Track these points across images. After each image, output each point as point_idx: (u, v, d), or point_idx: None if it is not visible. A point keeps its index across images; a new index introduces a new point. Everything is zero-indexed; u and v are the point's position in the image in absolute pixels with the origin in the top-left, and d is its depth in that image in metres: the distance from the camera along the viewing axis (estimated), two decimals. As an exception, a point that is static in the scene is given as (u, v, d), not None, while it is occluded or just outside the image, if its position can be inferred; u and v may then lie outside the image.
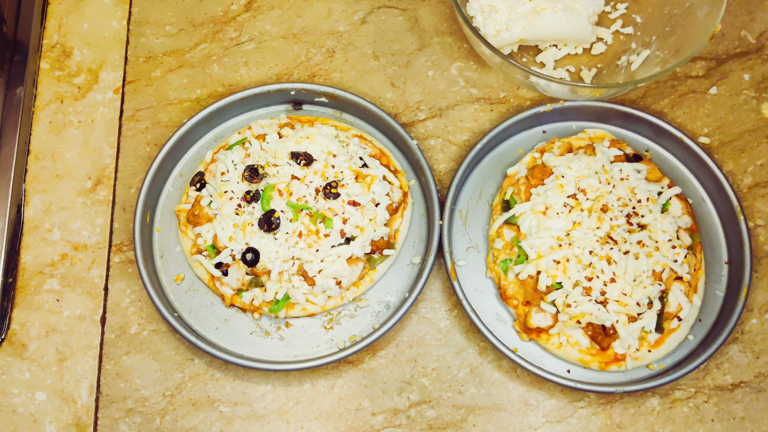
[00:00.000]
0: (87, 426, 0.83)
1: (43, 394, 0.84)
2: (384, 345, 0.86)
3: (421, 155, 0.88)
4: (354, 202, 0.85)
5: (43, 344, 0.86)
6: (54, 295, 0.88)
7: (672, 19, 0.93)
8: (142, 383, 0.84)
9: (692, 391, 0.84)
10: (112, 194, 0.92)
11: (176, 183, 0.93)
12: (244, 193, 0.86)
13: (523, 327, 0.84)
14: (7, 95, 0.95)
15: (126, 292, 0.88)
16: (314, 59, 0.98)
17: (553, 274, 0.81)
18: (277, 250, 0.84)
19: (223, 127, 0.95)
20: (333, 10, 1.01)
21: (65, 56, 0.99)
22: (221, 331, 0.86)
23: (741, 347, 0.85)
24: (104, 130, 0.95)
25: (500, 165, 0.93)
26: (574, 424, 0.82)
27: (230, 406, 0.84)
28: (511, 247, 0.86)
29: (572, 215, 0.84)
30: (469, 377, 0.84)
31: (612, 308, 0.80)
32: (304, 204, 0.85)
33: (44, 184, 0.93)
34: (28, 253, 0.90)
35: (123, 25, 1.01)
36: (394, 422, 0.83)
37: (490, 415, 0.83)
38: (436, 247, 0.85)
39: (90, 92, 0.97)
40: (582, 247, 0.82)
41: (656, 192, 0.86)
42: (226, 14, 1.01)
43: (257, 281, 0.85)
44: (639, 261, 0.81)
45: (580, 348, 0.82)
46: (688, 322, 0.84)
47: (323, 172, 0.86)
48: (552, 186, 0.85)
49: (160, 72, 0.98)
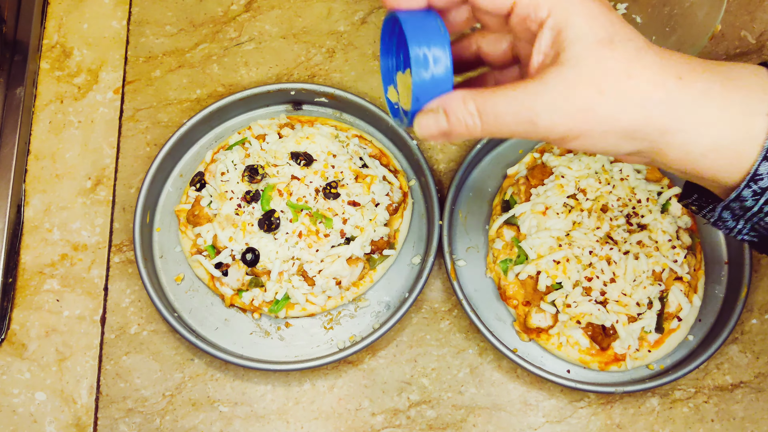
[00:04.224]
0: (87, 426, 0.83)
1: (43, 394, 0.84)
2: (384, 345, 0.86)
3: (420, 155, 0.88)
4: (354, 202, 0.85)
5: (43, 344, 0.86)
6: (54, 295, 0.88)
7: (672, 19, 0.93)
8: (142, 383, 0.84)
9: (692, 391, 0.84)
10: (112, 194, 0.92)
11: (176, 183, 0.93)
12: (244, 193, 0.86)
13: (523, 327, 0.84)
14: (7, 95, 0.95)
15: (126, 292, 0.88)
16: (314, 59, 0.98)
17: (553, 274, 0.82)
18: (277, 250, 0.84)
19: (223, 127, 0.95)
20: (333, 10, 1.01)
21: (65, 56, 0.99)
22: (221, 331, 0.86)
23: (741, 347, 0.85)
24: (104, 130, 0.95)
25: (500, 165, 0.93)
26: (574, 424, 0.82)
27: (230, 406, 0.84)
28: (511, 247, 0.86)
29: (572, 215, 0.84)
30: (469, 377, 0.84)
31: (612, 308, 0.80)
32: (304, 204, 0.85)
33: (44, 184, 0.93)
34: (28, 253, 0.90)
35: (123, 25, 1.01)
36: (394, 422, 0.83)
37: (490, 415, 0.83)
38: (436, 247, 0.85)
39: (90, 92, 0.97)
40: (582, 247, 0.82)
41: (656, 192, 0.86)
42: (226, 14, 1.01)
43: (257, 281, 0.85)
44: (639, 261, 0.81)
45: (580, 348, 0.83)
46: (688, 322, 0.84)
47: (323, 172, 0.86)
48: (552, 186, 0.86)
49: (160, 72, 0.98)
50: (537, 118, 0.46)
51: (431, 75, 0.49)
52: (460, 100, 0.49)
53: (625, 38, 0.46)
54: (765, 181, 0.46)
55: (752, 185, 0.47)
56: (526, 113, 0.47)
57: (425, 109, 0.50)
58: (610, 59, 0.45)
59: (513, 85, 0.48)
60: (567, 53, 0.46)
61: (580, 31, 0.46)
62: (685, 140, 0.46)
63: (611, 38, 0.46)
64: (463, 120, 0.49)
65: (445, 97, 0.50)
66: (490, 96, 0.48)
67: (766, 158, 0.45)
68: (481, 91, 0.49)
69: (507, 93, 0.47)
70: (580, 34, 0.46)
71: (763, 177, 0.46)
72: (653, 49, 0.47)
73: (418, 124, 0.51)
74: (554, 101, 0.46)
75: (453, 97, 0.49)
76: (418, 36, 0.49)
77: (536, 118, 0.46)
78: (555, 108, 0.46)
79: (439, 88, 0.50)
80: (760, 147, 0.45)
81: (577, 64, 0.46)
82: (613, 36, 0.46)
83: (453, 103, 0.49)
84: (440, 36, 0.49)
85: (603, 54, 0.45)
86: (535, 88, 0.47)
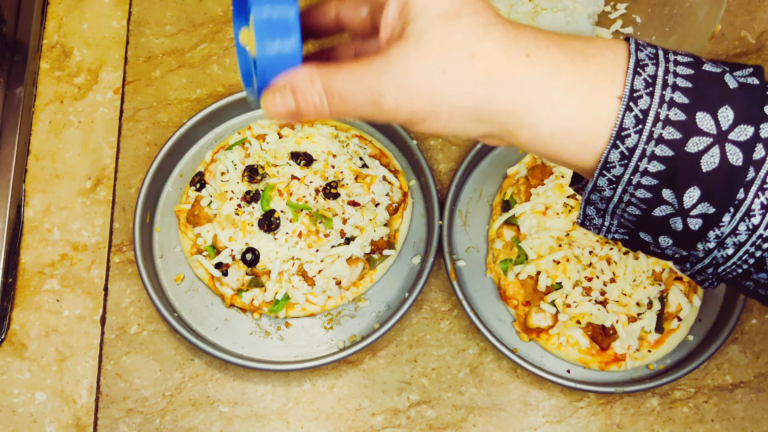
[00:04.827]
0: (87, 426, 0.83)
1: (43, 394, 0.84)
2: (384, 345, 0.86)
3: (421, 155, 0.88)
4: (354, 202, 0.85)
5: (43, 344, 0.86)
6: (54, 295, 0.88)
7: (672, 19, 0.93)
8: (142, 383, 0.84)
9: (692, 391, 0.84)
10: (112, 194, 0.92)
11: (176, 183, 0.93)
12: (244, 193, 0.86)
13: (523, 327, 0.84)
14: (7, 95, 0.95)
15: (126, 292, 0.88)
16: (314, 59, 0.98)
17: (553, 274, 0.82)
18: (277, 250, 0.84)
19: (223, 127, 0.95)
20: (333, 10, 1.01)
21: (65, 56, 0.99)
22: (221, 331, 0.86)
23: (741, 347, 0.85)
24: (104, 130, 0.95)
25: (500, 165, 0.93)
26: (574, 424, 0.82)
27: (230, 406, 0.84)
28: (511, 247, 0.86)
29: (572, 215, 0.84)
30: (469, 377, 0.84)
31: (612, 308, 0.80)
32: (304, 204, 0.85)
33: (44, 184, 0.93)
34: (28, 253, 0.90)
35: (123, 25, 1.01)
36: (394, 422, 0.83)
37: (490, 415, 0.83)
38: (436, 247, 0.85)
39: (90, 92, 0.97)
40: (582, 247, 0.82)
41: (656, 192, 0.86)
42: (226, 14, 1.01)
43: (257, 281, 0.85)
44: (639, 261, 0.81)
45: (580, 348, 0.83)
46: (688, 322, 0.84)
47: (323, 172, 0.86)
48: (552, 186, 0.86)
49: (160, 72, 0.98)
50: (381, 99, 0.42)
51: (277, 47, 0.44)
52: (308, 78, 0.44)
53: (472, 11, 0.42)
54: (617, 169, 0.42)
55: (605, 173, 0.43)
56: (369, 94, 0.42)
57: (272, 87, 0.45)
58: (454, 34, 0.41)
59: (359, 62, 0.43)
60: (411, 27, 0.42)
61: (426, 2, 0.42)
62: (533, 121, 0.42)
63: (457, 11, 0.42)
64: (311, 100, 0.44)
65: (292, 73, 0.45)
66: (336, 73, 0.44)
67: (616, 145, 0.41)
68: (328, 67, 0.44)
69: (351, 70, 0.43)
70: (425, 5, 0.42)
71: (615, 164, 0.42)
72: (502, 24, 0.43)
73: (265, 104, 0.46)
74: (397, 80, 0.42)
75: (300, 75, 0.44)
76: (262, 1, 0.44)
77: (380, 99, 0.42)
78: (398, 88, 0.42)
79: (286, 61, 0.44)
80: (609, 133, 0.42)
81: (420, 39, 0.42)
82: (459, 9, 0.42)
83: (300, 81, 0.44)
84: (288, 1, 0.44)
85: (447, 29, 0.41)
86: (378, 65, 0.42)
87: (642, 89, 0.41)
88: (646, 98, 0.41)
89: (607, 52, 0.43)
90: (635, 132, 0.41)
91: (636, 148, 0.41)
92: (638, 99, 0.41)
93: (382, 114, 0.43)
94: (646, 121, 0.41)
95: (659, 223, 0.44)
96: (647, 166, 0.42)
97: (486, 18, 0.43)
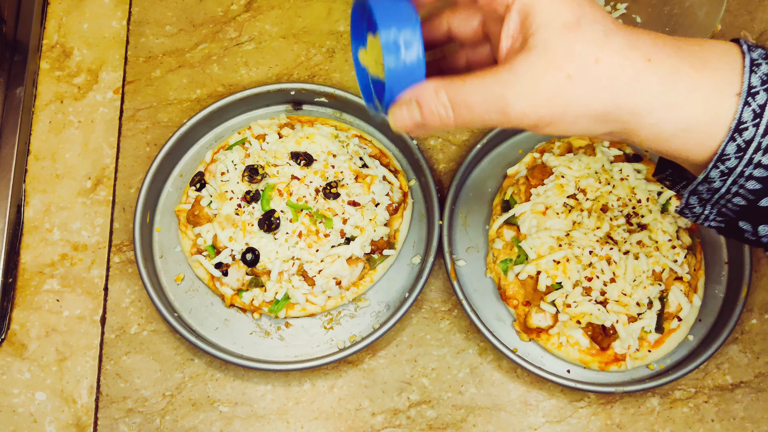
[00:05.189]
0: (87, 426, 0.83)
1: (43, 394, 0.84)
2: (384, 345, 0.86)
3: (420, 155, 0.88)
4: (354, 202, 0.85)
5: (43, 344, 0.86)
6: (54, 295, 0.88)
7: (672, 19, 0.93)
8: (142, 383, 0.84)
9: (692, 391, 0.84)
10: (112, 194, 0.92)
11: (176, 183, 0.93)
12: (244, 193, 0.86)
13: (523, 327, 0.84)
14: (7, 95, 0.95)
15: (126, 292, 0.88)
16: (314, 59, 0.98)
17: (553, 274, 0.82)
18: (277, 250, 0.84)
19: (223, 127, 0.95)
20: (333, 10, 1.01)
21: (65, 56, 0.99)
22: (221, 331, 0.86)
23: (741, 347, 0.85)
24: (104, 130, 0.95)
25: (500, 165, 0.93)
26: (574, 424, 0.82)
27: (230, 406, 0.84)
28: (511, 247, 0.86)
29: (572, 215, 0.84)
30: (469, 377, 0.84)
31: (612, 308, 0.80)
32: (304, 204, 0.85)
33: (44, 184, 0.93)
34: (28, 253, 0.90)
35: (123, 25, 1.01)
36: (394, 422, 0.83)
37: (490, 415, 0.83)
38: (436, 247, 0.85)
39: (90, 92, 0.97)
40: (582, 247, 0.82)
41: (656, 192, 0.86)
42: (226, 14, 1.01)
43: (257, 281, 0.85)
44: (639, 261, 0.81)
45: (580, 348, 0.83)
46: (688, 322, 0.84)
47: (323, 172, 0.86)
48: (552, 186, 0.86)
49: (160, 72, 0.98)
50: (508, 107, 0.46)
51: (403, 63, 0.48)
52: (433, 91, 0.48)
53: (593, 21, 0.46)
54: (732, 161, 0.46)
55: (719, 165, 0.46)
56: (497, 103, 0.46)
57: (399, 102, 0.50)
58: (577, 43, 0.45)
59: (483, 73, 0.47)
60: (534, 38, 0.46)
61: (547, 14, 0.45)
62: (654, 121, 0.46)
63: (578, 21, 0.45)
64: (437, 112, 0.48)
65: (417, 87, 0.49)
66: (461, 86, 0.47)
67: (733, 138, 0.45)
68: (452, 80, 0.48)
69: (477, 82, 0.47)
70: (547, 18, 0.45)
71: (730, 157, 0.46)
72: (622, 31, 0.46)
73: (392, 117, 0.50)
74: (524, 89, 0.46)
75: (426, 88, 0.48)
76: (388, 22, 0.48)
77: (507, 107, 0.46)
78: (525, 96, 0.46)
79: (411, 77, 0.48)
80: (727, 127, 0.45)
81: (544, 50, 0.45)
82: (580, 19, 0.45)
83: (426, 95, 0.48)
84: (411, 22, 0.48)
85: (570, 38, 0.45)
86: (504, 76, 0.46)
87: (759, 86, 0.45)
88: (762, 94, 0.45)
89: (721, 55, 0.47)
90: (753, 125, 0.45)
91: (753, 141, 0.45)
92: (755, 95, 0.45)
93: (510, 121, 0.47)
94: (763, 115, 0.44)
95: (764, 212, 0.48)
96: (761, 159, 0.45)
97: (606, 26, 0.46)
